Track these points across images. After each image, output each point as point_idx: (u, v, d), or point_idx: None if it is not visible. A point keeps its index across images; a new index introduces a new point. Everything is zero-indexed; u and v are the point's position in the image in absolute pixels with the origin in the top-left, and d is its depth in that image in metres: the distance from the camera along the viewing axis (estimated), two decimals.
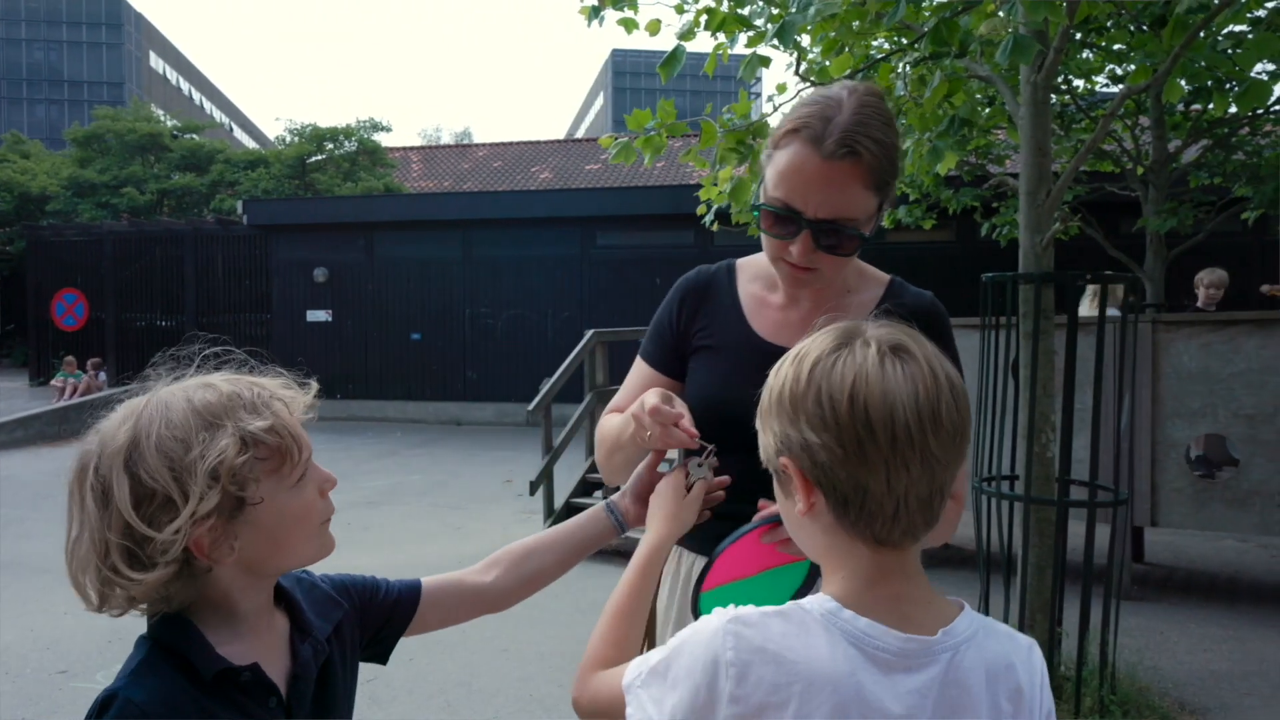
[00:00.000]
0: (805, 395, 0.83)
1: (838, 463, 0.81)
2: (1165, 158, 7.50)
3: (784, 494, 0.91)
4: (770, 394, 0.88)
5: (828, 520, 0.85)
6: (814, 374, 0.84)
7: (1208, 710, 3.49)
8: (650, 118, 3.28)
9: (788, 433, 0.85)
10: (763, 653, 0.79)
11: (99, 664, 4.12)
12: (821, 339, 0.88)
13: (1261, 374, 4.61)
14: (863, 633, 0.81)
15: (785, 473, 0.87)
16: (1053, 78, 3.34)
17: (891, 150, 1.27)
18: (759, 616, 0.81)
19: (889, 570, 0.85)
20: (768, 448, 0.89)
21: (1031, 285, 3.43)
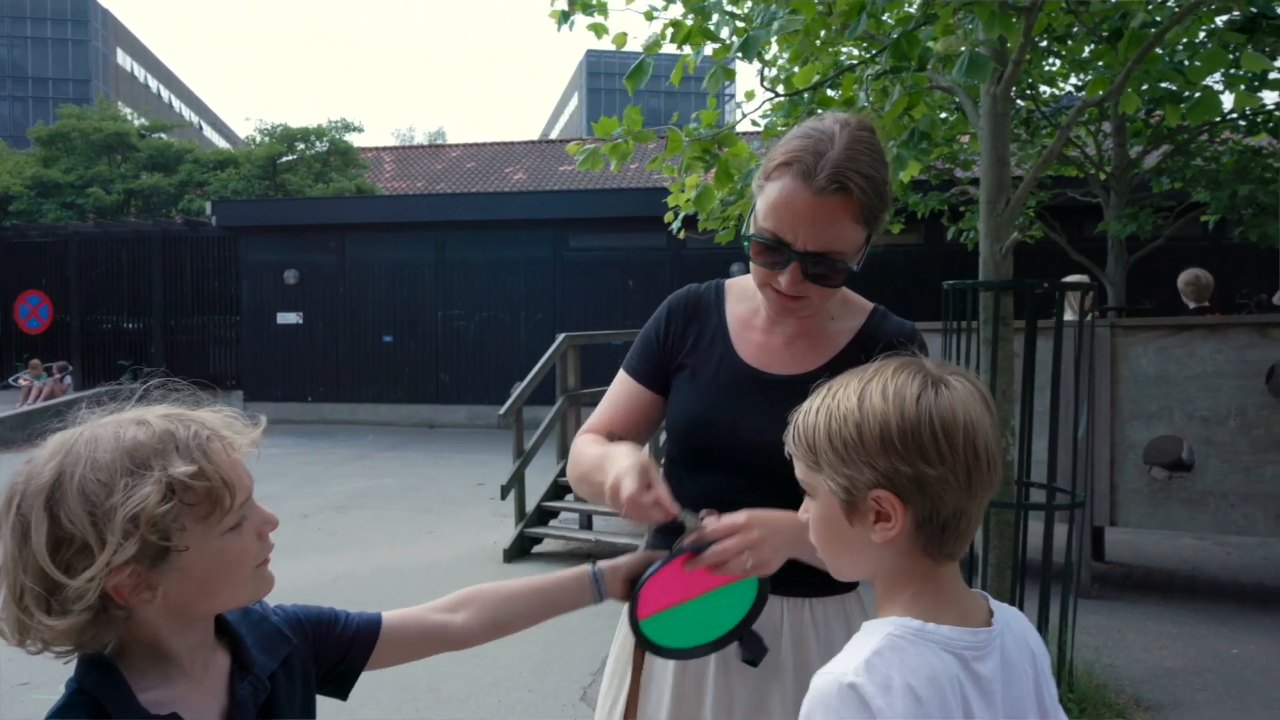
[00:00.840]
0: (919, 431, 0.87)
1: (949, 492, 0.88)
2: (1126, 163, 7.66)
3: (846, 522, 0.93)
4: (862, 431, 0.89)
5: (905, 545, 0.91)
6: (922, 409, 0.88)
7: (1162, 706, 3.58)
8: (618, 124, 3.31)
9: (897, 468, 0.88)
10: (889, 690, 0.83)
11: (62, 675, 4.05)
12: (901, 375, 0.92)
13: (1216, 377, 4.73)
14: (949, 638, 0.89)
15: (873, 504, 0.89)
16: (1011, 89, 3.41)
17: (881, 185, 1.30)
18: (864, 665, 0.85)
19: (949, 578, 0.94)
20: (855, 482, 0.90)
21: (991, 293, 3.50)
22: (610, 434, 1.51)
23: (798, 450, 0.97)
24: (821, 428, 0.93)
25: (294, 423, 13.87)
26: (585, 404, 6.89)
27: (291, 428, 13.45)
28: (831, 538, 0.96)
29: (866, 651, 0.86)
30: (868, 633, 0.91)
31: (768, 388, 1.41)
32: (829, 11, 3.16)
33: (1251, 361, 4.67)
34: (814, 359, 1.42)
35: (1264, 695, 3.68)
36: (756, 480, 1.36)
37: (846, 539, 0.94)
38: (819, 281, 1.32)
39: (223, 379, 14.60)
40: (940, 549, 0.91)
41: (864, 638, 0.90)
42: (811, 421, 0.95)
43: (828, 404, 0.94)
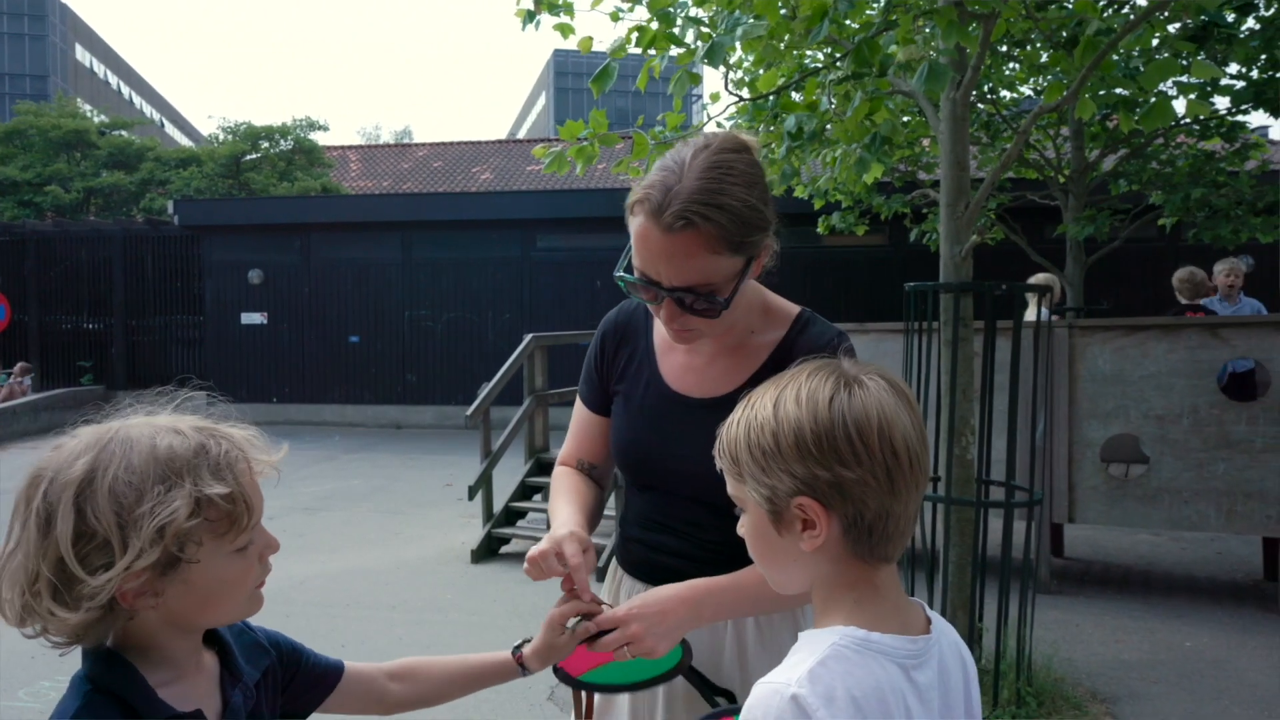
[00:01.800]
0: (833, 434, 0.86)
1: (870, 494, 0.87)
2: (1084, 166, 7.82)
3: (775, 533, 0.92)
4: (779, 440, 0.88)
5: (836, 551, 0.89)
6: (834, 412, 0.87)
7: (1118, 699, 3.67)
8: (583, 127, 3.33)
9: (815, 473, 0.87)
10: (833, 702, 0.82)
11: (22, 681, 4.01)
12: (814, 379, 0.91)
13: (1169, 377, 4.85)
14: (892, 648, 0.88)
15: (797, 511, 0.88)
16: (971, 94, 3.48)
17: (746, 209, 1.22)
18: (807, 675, 0.83)
19: (887, 584, 0.93)
20: (777, 491, 0.89)
21: (951, 294, 3.56)
22: (580, 462, 1.53)
23: (724, 464, 0.96)
24: (741, 439, 0.93)
25: (259, 424, 13.34)
26: (553, 404, 6.89)
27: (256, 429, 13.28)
28: (765, 550, 0.95)
29: (810, 662, 0.85)
30: (810, 642, 0.89)
31: (690, 412, 1.39)
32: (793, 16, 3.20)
33: (1203, 361, 4.80)
34: (735, 378, 1.39)
35: (1214, 686, 3.79)
36: (694, 503, 1.37)
37: (778, 550, 0.93)
38: (697, 314, 1.27)
39: (186, 380, 14.37)
40: (871, 552, 0.90)
41: (807, 647, 0.88)
42: (733, 434, 0.94)
43: (746, 415, 0.94)
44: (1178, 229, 8.77)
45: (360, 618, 4.87)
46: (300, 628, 4.68)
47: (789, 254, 6.44)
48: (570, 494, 1.45)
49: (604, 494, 1.56)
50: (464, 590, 5.41)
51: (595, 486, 1.52)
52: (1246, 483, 4.69)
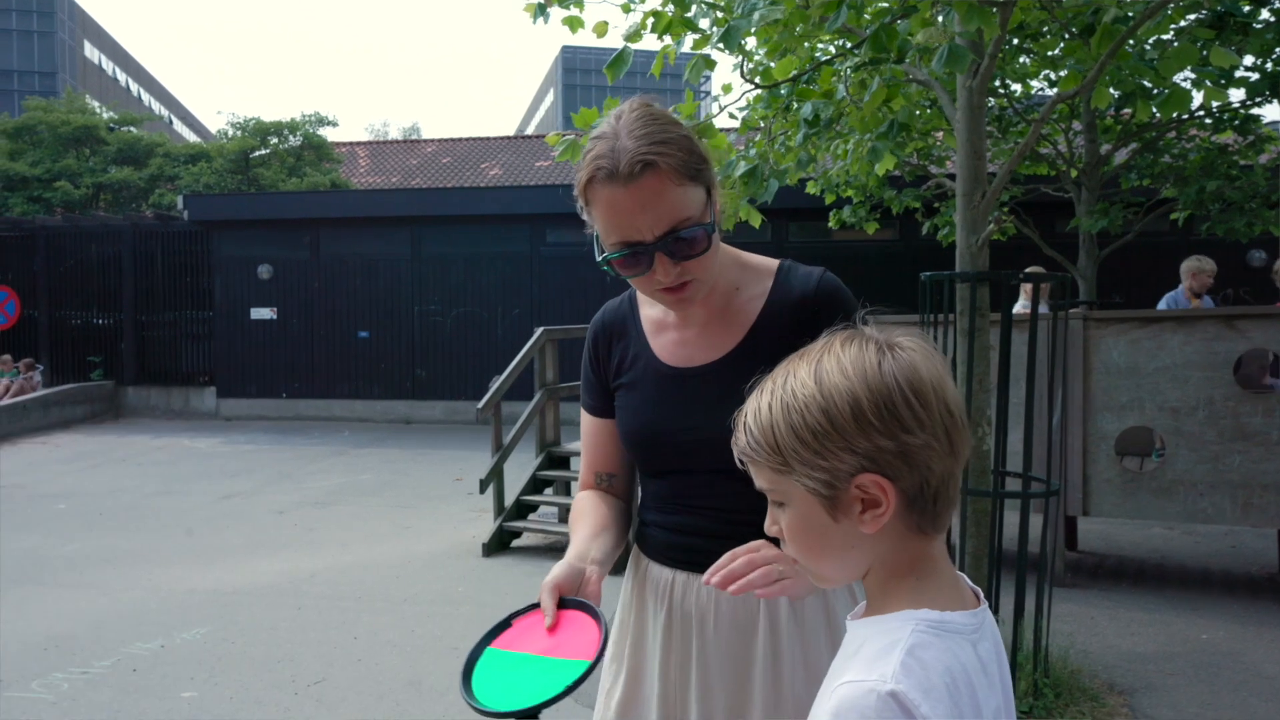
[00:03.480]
0: (891, 400, 0.80)
1: (935, 458, 0.82)
2: (1097, 160, 7.77)
3: (831, 521, 0.85)
4: (832, 415, 0.81)
5: (896, 528, 0.84)
6: (887, 377, 0.81)
7: (1134, 690, 3.65)
8: (597, 115, 3.32)
9: (879, 445, 0.80)
10: (931, 693, 0.78)
11: (35, 673, 4.02)
12: (851, 346, 0.85)
13: (1184, 369, 4.82)
14: (962, 625, 0.84)
15: (857, 492, 0.82)
16: (988, 83, 3.45)
17: (684, 141, 1.27)
18: (900, 669, 0.78)
19: (941, 557, 0.88)
20: (836, 473, 0.82)
21: (968, 284, 3.54)
22: (598, 478, 1.51)
23: (758, 455, 0.86)
24: (782, 422, 0.84)
25: (268, 420, 13.74)
26: (564, 397, 6.89)
27: (266, 425, 13.33)
28: (816, 543, 0.87)
29: (898, 654, 0.79)
30: (884, 632, 0.83)
31: (693, 383, 1.39)
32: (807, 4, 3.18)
33: (1219, 353, 4.76)
34: (731, 338, 1.38)
35: (1231, 678, 3.77)
36: (714, 476, 1.34)
37: (833, 540, 0.86)
38: (690, 256, 1.28)
39: (195, 376, 14.41)
40: (934, 523, 0.85)
41: (881, 638, 0.82)
42: (768, 419, 0.85)
43: (780, 395, 0.85)
44: (1190, 223, 8.72)
45: (372, 610, 4.87)
46: (312, 621, 4.69)
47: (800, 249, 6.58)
48: (582, 519, 1.43)
49: (629, 500, 1.54)
50: (476, 583, 5.41)
51: (615, 499, 1.50)
52: (1263, 475, 4.66)
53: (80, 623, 4.71)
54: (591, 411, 1.53)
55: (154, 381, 14.46)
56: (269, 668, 4.06)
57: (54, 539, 6.54)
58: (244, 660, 4.16)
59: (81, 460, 10.32)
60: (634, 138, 1.24)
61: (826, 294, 1.39)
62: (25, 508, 7.69)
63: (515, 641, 1.25)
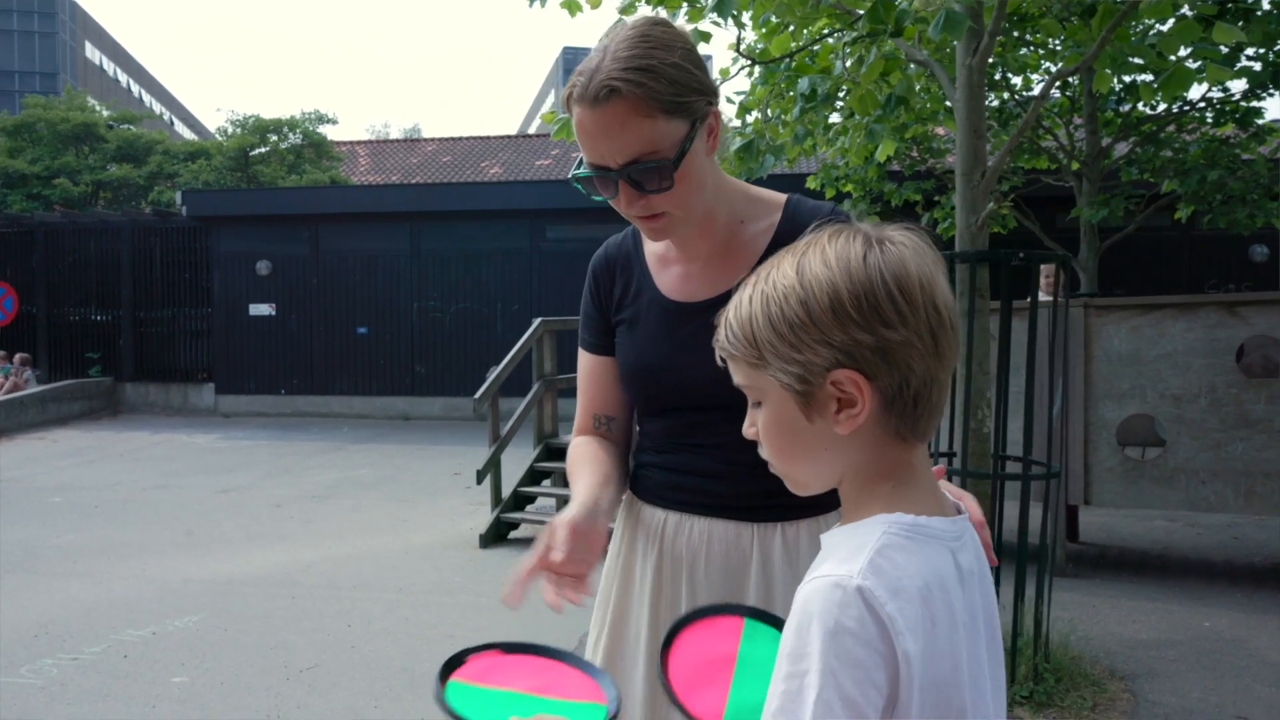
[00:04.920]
0: (873, 292, 0.77)
1: (916, 357, 0.78)
2: (1098, 152, 7.74)
3: (805, 420, 0.81)
4: (810, 306, 0.78)
5: (873, 431, 0.80)
6: (871, 269, 0.77)
7: (1136, 676, 3.60)
8: None
9: (856, 339, 0.77)
10: (900, 594, 0.74)
11: (25, 658, 3.99)
12: (838, 239, 0.81)
13: (1186, 356, 4.78)
14: (941, 530, 0.81)
15: (833, 389, 0.79)
16: (987, 62, 3.42)
17: (670, 70, 1.19)
18: (869, 566, 0.74)
19: (923, 465, 0.84)
20: (811, 367, 0.78)
21: (967, 265, 3.50)
22: (596, 420, 1.46)
23: (735, 348, 0.84)
24: (760, 315, 0.81)
25: (267, 415, 13.71)
26: (562, 389, 6.84)
27: (264, 420, 13.30)
28: (790, 443, 0.83)
29: (868, 553, 0.75)
30: (856, 534, 0.79)
31: (696, 317, 1.33)
32: None
33: (1221, 339, 4.72)
34: (736, 272, 1.33)
35: (1234, 664, 3.72)
36: (716, 414, 1.30)
37: (807, 441, 0.82)
38: (654, 189, 1.23)
39: (194, 372, 14.38)
40: (915, 428, 0.81)
41: (853, 540, 0.78)
42: (747, 311, 0.82)
43: (762, 288, 0.82)
44: (1193, 217, 8.69)
45: (367, 599, 4.83)
46: (307, 609, 4.65)
47: None
48: (585, 465, 1.37)
49: (627, 448, 1.48)
50: (472, 574, 5.37)
51: (614, 446, 1.45)
52: (1266, 463, 4.61)
53: (73, 610, 4.67)
54: (590, 349, 1.47)
55: (152, 378, 14.43)
56: (261, 654, 4.02)
57: (49, 531, 6.51)
58: (236, 647, 4.12)
59: (78, 455, 10.29)
60: (615, 59, 1.19)
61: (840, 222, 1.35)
62: (21, 501, 7.66)
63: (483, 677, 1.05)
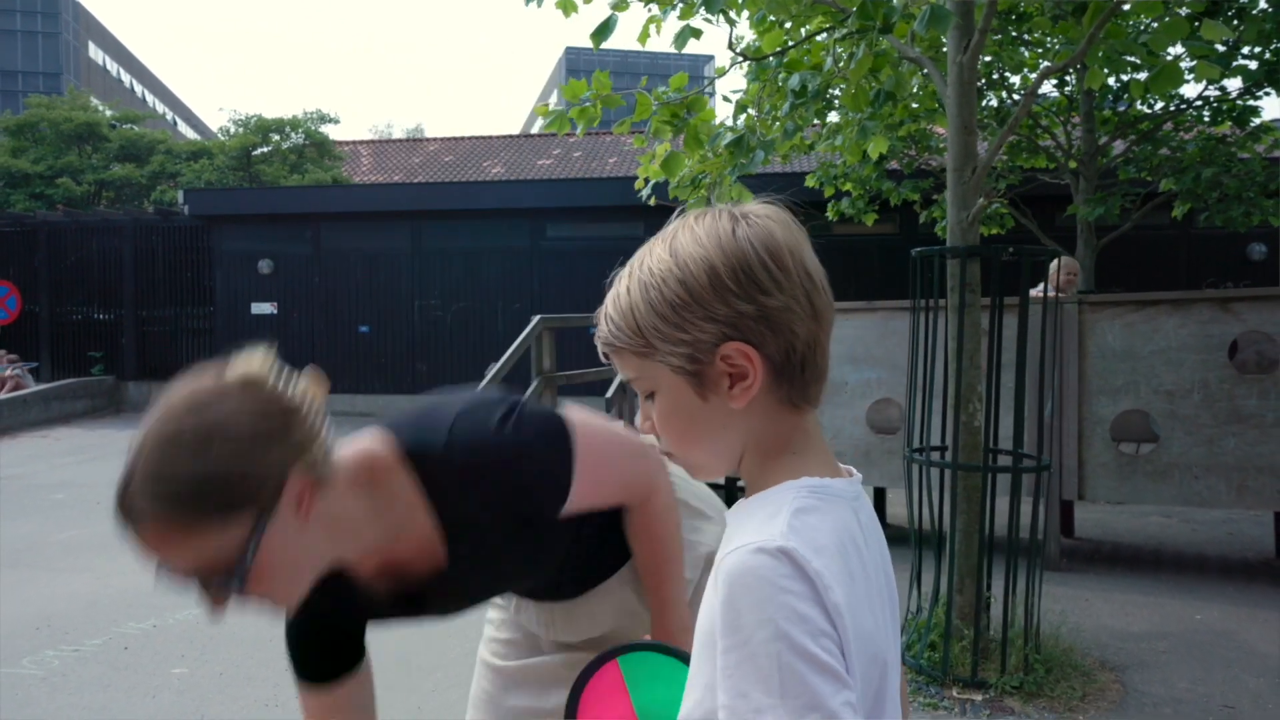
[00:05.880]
0: (747, 262, 0.78)
1: (797, 321, 0.79)
2: (1095, 150, 7.76)
3: (700, 401, 0.82)
4: (688, 285, 0.79)
5: (766, 402, 0.81)
6: (741, 241, 0.79)
7: (1126, 667, 3.63)
8: (586, 88, 3.32)
9: (738, 310, 0.78)
10: (821, 552, 0.75)
11: (27, 649, 4.03)
12: (704, 219, 0.83)
13: (1180, 352, 4.80)
14: (842, 490, 0.82)
15: (723, 365, 0.80)
16: (978, 59, 3.45)
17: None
18: (788, 529, 0.75)
19: (816, 431, 0.85)
20: (699, 345, 0.79)
21: (958, 260, 3.53)
22: None
23: (620, 340, 0.83)
24: (640, 302, 0.81)
25: None
26: (561, 385, 6.88)
27: None
28: (688, 426, 0.84)
29: (783, 517, 0.76)
30: (765, 503, 0.80)
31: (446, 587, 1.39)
32: None
33: (1214, 335, 4.75)
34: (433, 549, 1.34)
35: (1223, 656, 3.75)
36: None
37: (705, 421, 0.83)
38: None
39: None
40: (805, 393, 0.82)
41: (765, 508, 0.79)
42: (627, 301, 0.82)
43: (638, 275, 0.82)
44: (1190, 215, 8.71)
45: None
46: None
47: None
48: None
49: None
50: None
51: None
52: (1258, 457, 4.64)
53: (74, 604, 4.71)
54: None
55: (154, 376, 14.48)
56: (261, 646, 4.06)
57: (50, 526, 6.55)
58: (236, 640, 4.16)
59: (81, 453, 10.34)
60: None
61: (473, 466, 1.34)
62: (22, 497, 7.70)
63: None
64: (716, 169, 3.76)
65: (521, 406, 1.21)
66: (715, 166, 3.74)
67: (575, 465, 1.21)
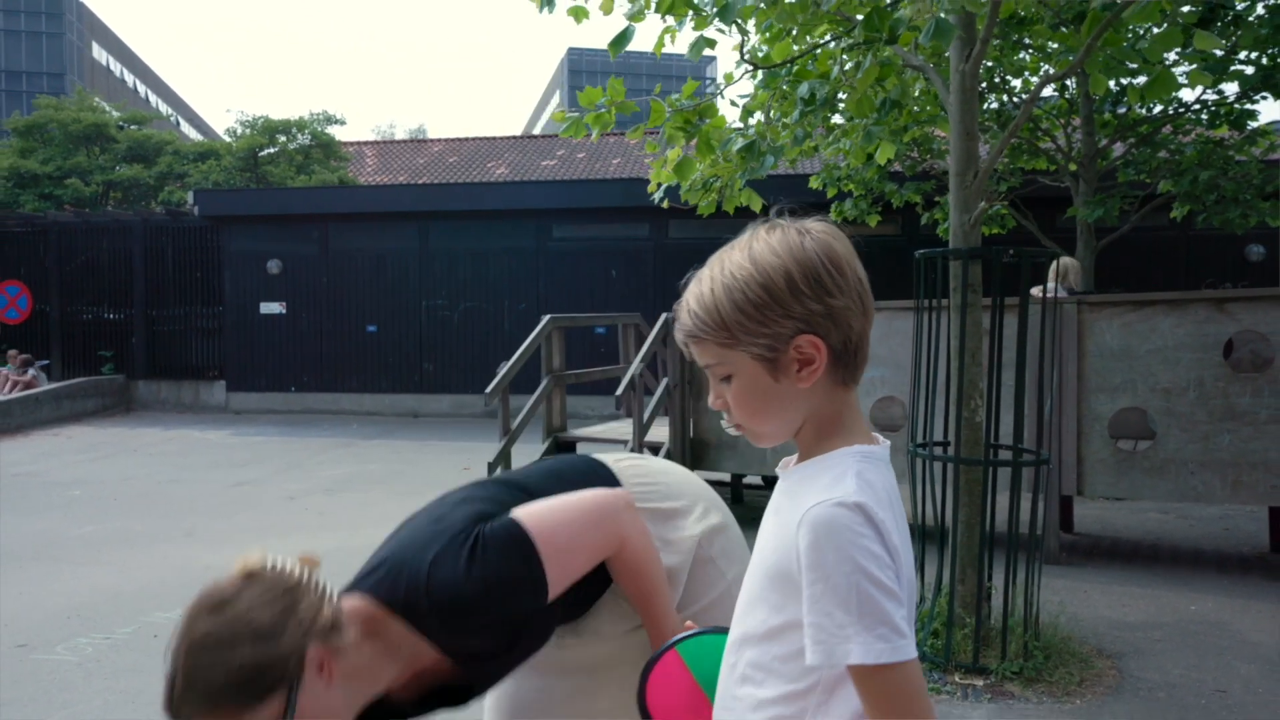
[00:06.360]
0: (817, 270, 0.96)
1: (853, 317, 0.98)
2: (1094, 153, 7.88)
3: (773, 381, 0.99)
4: (770, 288, 0.96)
5: (825, 383, 0.99)
6: (810, 252, 0.97)
7: (1122, 654, 3.76)
8: (601, 94, 3.45)
9: (811, 309, 0.96)
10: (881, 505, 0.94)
11: (60, 637, 4.16)
12: (775, 233, 1.00)
13: (1176, 351, 4.93)
14: (880, 454, 1.01)
15: (795, 353, 0.97)
16: (982, 69, 3.58)
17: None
18: (856, 488, 0.94)
19: (856, 406, 1.04)
20: (777, 337, 0.97)
21: (960, 261, 3.66)
22: None
23: (705, 333, 1.00)
24: (725, 301, 0.98)
25: (277, 412, 13.90)
26: (570, 385, 7.01)
27: (275, 418, 13.47)
28: (761, 403, 1.01)
29: (850, 476, 0.95)
30: (829, 466, 0.98)
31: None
32: None
33: (1209, 335, 4.88)
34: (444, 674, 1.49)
35: (1216, 644, 3.88)
36: None
37: (776, 397, 1.00)
38: None
39: (205, 369, 14.57)
40: (854, 375, 1.01)
41: (830, 469, 0.98)
42: (711, 300, 0.99)
43: (720, 279, 0.99)
44: (1188, 216, 8.83)
45: None
46: None
47: None
48: None
49: None
50: None
51: None
52: (1252, 453, 4.77)
53: (99, 595, 4.84)
54: None
55: (164, 375, 14.63)
56: None
57: (68, 522, 6.68)
58: None
59: (93, 451, 10.47)
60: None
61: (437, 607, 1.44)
62: (39, 493, 7.83)
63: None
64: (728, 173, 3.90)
65: (482, 534, 1.37)
66: (727, 170, 3.88)
67: (545, 568, 1.37)
